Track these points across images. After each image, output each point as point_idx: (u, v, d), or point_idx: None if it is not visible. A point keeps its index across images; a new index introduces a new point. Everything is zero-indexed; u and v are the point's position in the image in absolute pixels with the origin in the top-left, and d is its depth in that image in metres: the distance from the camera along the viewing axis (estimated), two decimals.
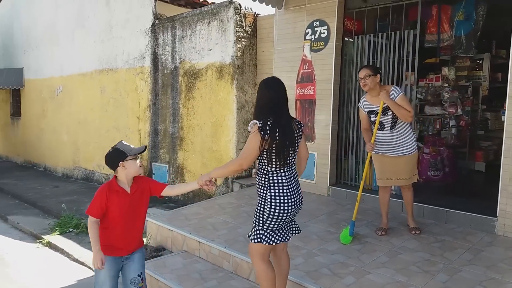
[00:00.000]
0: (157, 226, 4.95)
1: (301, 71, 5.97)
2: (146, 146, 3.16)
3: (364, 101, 4.28)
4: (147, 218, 5.17)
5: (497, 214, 4.27)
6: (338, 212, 5.10)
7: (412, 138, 4.18)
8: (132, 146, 2.99)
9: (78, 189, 9.30)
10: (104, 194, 2.87)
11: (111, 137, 8.92)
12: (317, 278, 3.45)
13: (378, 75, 4.09)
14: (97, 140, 9.79)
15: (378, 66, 5.28)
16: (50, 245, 5.90)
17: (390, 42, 5.42)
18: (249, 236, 2.94)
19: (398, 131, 4.12)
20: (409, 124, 4.15)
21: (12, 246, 6.03)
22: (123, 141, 3.04)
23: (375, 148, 4.24)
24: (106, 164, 2.98)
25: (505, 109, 4.22)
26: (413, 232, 4.29)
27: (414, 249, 3.96)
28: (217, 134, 6.86)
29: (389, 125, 4.11)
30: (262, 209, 2.84)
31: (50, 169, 11.78)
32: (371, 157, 4.36)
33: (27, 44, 12.67)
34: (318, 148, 5.84)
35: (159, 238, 4.93)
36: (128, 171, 2.91)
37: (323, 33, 5.67)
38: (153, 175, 8.19)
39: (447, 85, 6.52)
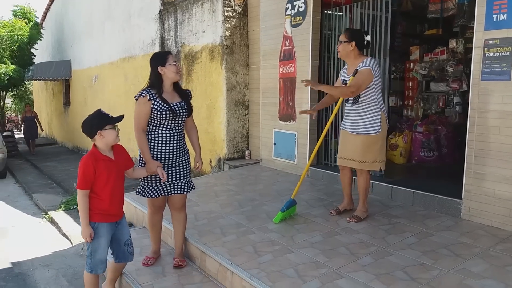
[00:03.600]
0: (127, 203, 5.10)
1: (283, 48, 5.77)
2: (123, 115, 3.03)
3: (344, 68, 3.96)
4: None
5: (463, 196, 3.83)
6: (305, 193, 4.89)
7: (374, 117, 3.70)
8: (110, 115, 2.94)
9: None
10: (91, 165, 2.84)
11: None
12: (236, 255, 3.36)
13: (353, 43, 3.68)
14: (123, 125, 10.22)
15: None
16: (52, 220, 6.37)
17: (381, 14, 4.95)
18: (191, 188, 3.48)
19: (361, 106, 3.75)
20: (375, 101, 3.70)
21: (22, 220, 6.60)
22: (101, 110, 2.98)
23: (342, 122, 3.97)
24: (83, 131, 2.93)
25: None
26: (348, 219, 3.91)
27: (356, 231, 3.69)
28: (211, 116, 6.89)
29: (352, 98, 3.78)
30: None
31: None
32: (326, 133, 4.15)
33: (72, 38, 13.64)
34: (299, 128, 5.63)
35: (129, 215, 5.08)
36: (106, 139, 2.87)
37: (301, 7, 5.42)
38: None
39: (452, 58, 5.92)
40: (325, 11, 5.41)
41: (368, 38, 3.80)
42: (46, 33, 15.56)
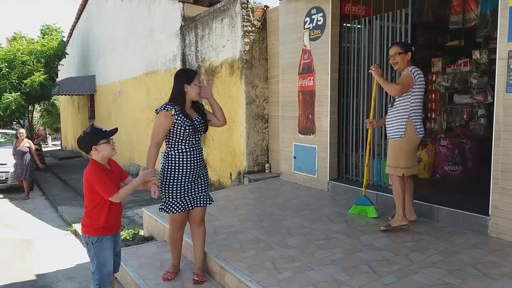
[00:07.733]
0: (148, 217, 5.16)
1: (302, 61, 5.77)
2: (117, 128, 3.11)
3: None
4: (142, 209, 5.45)
5: (490, 213, 3.70)
6: (326, 207, 4.83)
7: (398, 121, 3.81)
8: (103, 129, 3.00)
9: None
10: (101, 172, 2.89)
11: None
12: (255, 271, 3.33)
13: (409, 53, 3.83)
14: (146, 139, 10.41)
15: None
16: (76, 233, 6.48)
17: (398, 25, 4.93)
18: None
19: (392, 110, 3.90)
20: (407, 107, 3.77)
21: (48, 232, 6.74)
22: (94, 125, 3.08)
23: None
24: (78, 147, 3.04)
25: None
26: (382, 226, 3.93)
27: (379, 248, 3.61)
28: (230, 130, 6.92)
29: (391, 102, 3.95)
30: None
31: None
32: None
33: (97, 53, 14.01)
34: (319, 142, 5.59)
35: (150, 228, 5.14)
36: (102, 154, 2.93)
37: (319, 20, 5.42)
38: None
39: (476, 70, 5.79)
40: (344, 24, 5.39)
41: (413, 48, 3.96)
42: (72, 49, 16.04)
